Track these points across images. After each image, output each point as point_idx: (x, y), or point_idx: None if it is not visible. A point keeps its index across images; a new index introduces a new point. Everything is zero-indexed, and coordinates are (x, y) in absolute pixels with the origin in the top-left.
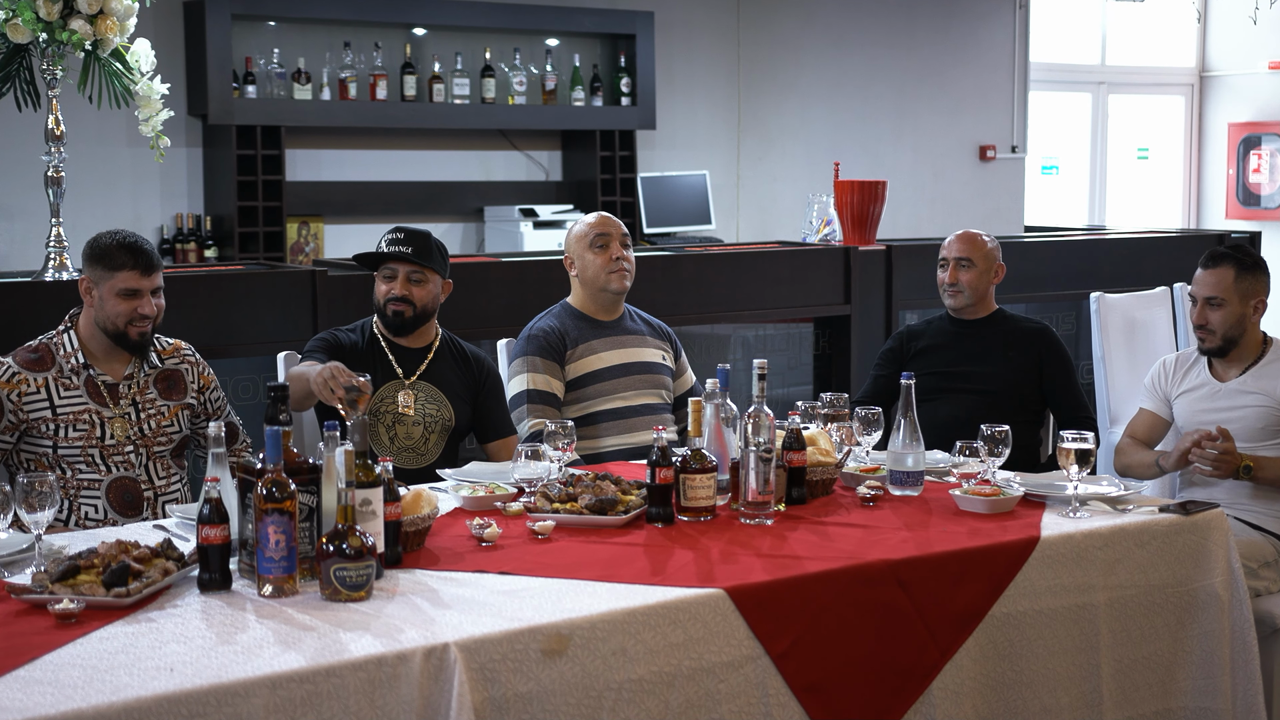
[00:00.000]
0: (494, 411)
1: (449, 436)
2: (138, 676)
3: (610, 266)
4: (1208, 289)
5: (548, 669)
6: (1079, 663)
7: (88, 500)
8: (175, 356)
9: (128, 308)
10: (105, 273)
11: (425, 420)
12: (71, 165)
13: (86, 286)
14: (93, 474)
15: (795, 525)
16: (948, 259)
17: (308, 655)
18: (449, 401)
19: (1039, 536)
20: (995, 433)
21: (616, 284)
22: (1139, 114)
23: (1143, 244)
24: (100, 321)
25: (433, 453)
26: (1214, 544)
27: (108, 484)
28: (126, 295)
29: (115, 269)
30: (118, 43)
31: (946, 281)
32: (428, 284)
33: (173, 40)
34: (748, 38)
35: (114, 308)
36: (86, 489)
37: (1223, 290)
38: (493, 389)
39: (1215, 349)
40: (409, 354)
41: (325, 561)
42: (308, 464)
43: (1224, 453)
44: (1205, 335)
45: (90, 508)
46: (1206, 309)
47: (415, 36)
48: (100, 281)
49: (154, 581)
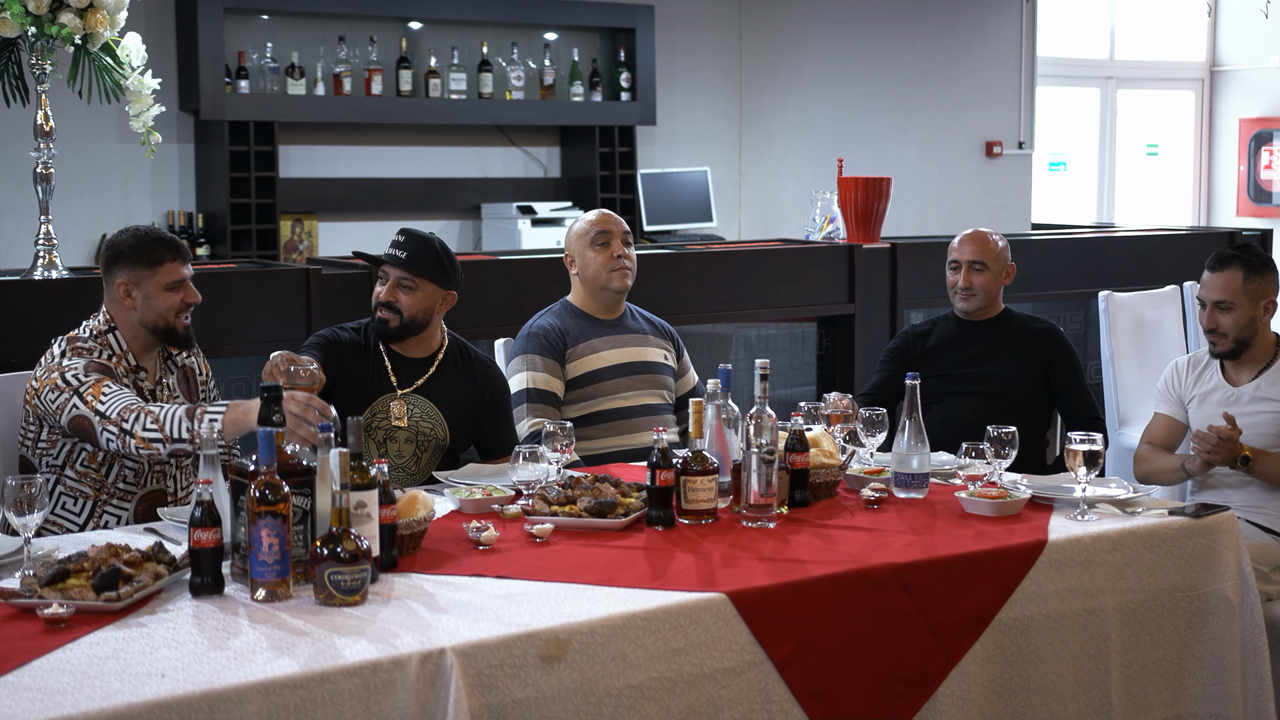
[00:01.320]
0: (499, 429)
1: (443, 456)
2: (128, 682)
3: (611, 265)
4: (1216, 292)
5: (546, 675)
6: (1087, 668)
7: (114, 510)
8: (185, 350)
9: (177, 300)
10: (147, 270)
11: (418, 438)
12: (61, 162)
13: (126, 289)
14: (133, 484)
15: (798, 528)
16: (960, 261)
17: (301, 661)
18: (445, 420)
19: (1046, 540)
20: (1002, 434)
21: (618, 282)
22: (1148, 109)
23: (1152, 242)
24: (147, 321)
25: (424, 472)
26: (1224, 547)
27: (140, 496)
28: (174, 287)
29: (157, 263)
30: (108, 37)
31: (959, 285)
32: (418, 293)
33: (164, 34)
34: (750, 31)
35: (163, 303)
36: (119, 497)
37: (1231, 293)
38: (499, 405)
39: (1227, 351)
40: (408, 364)
41: (319, 565)
42: (302, 466)
43: (1226, 439)
44: (1217, 339)
45: (114, 518)
46: (1216, 313)
47: (411, 30)
48: (143, 280)
49: (145, 586)
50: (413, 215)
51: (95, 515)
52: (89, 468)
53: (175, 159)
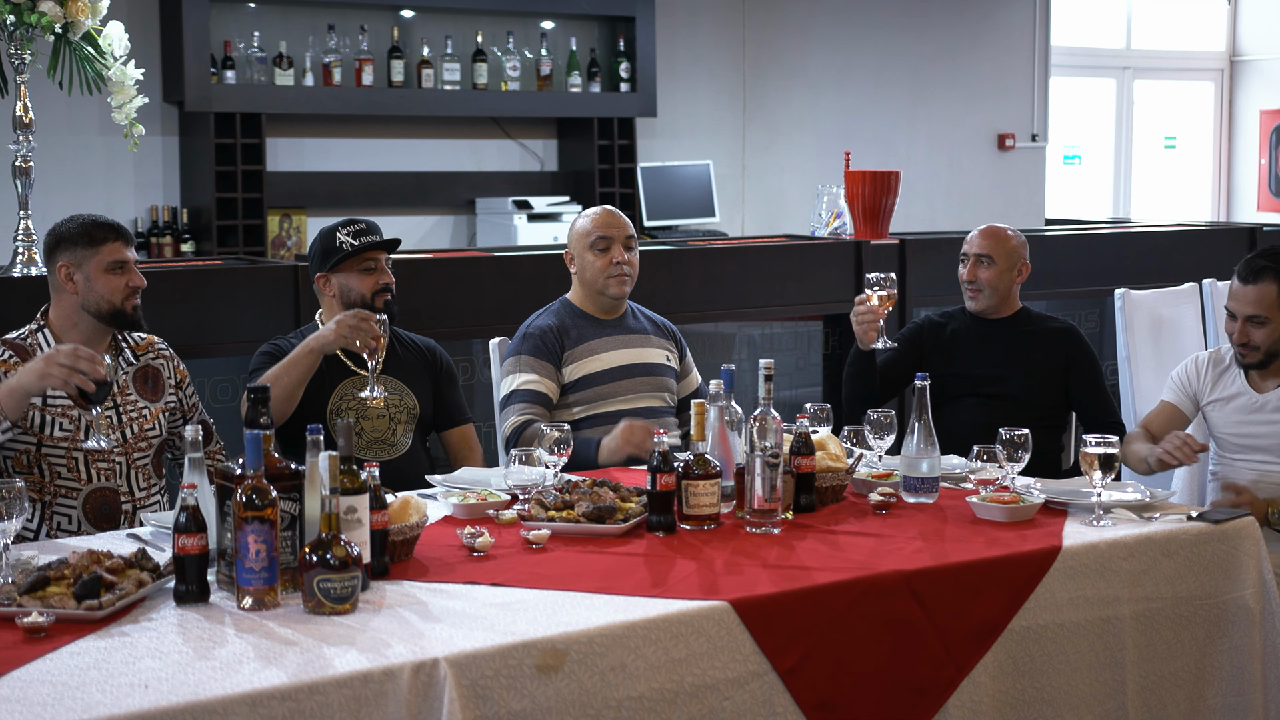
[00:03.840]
0: (450, 398)
1: (416, 426)
2: (110, 694)
3: (610, 271)
4: (1250, 306)
5: (543, 686)
6: (1103, 679)
7: (62, 509)
8: (150, 351)
9: (120, 282)
10: (88, 251)
11: (390, 411)
12: (40, 155)
13: (67, 273)
14: (72, 480)
15: (804, 534)
16: (968, 254)
17: (290, 671)
18: (410, 390)
19: (1060, 546)
20: (1014, 437)
21: (615, 289)
22: (1166, 100)
23: (1170, 238)
24: (90, 305)
25: (402, 443)
26: (1245, 554)
27: (86, 494)
28: (117, 268)
29: (99, 244)
30: (89, 25)
31: (965, 279)
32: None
33: (147, 23)
34: (754, 20)
35: (106, 285)
36: (63, 496)
37: (1265, 308)
38: (449, 376)
39: (1257, 363)
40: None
41: (308, 572)
42: (289, 469)
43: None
44: (1247, 352)
45: (64, 518)
46: (1249, 327)
47: (403, 19)
48: (84, 262)
49: (128, 594)
50: (405, 210)
51: (46, 517)
52: (21, 471)
53: (159, 152)
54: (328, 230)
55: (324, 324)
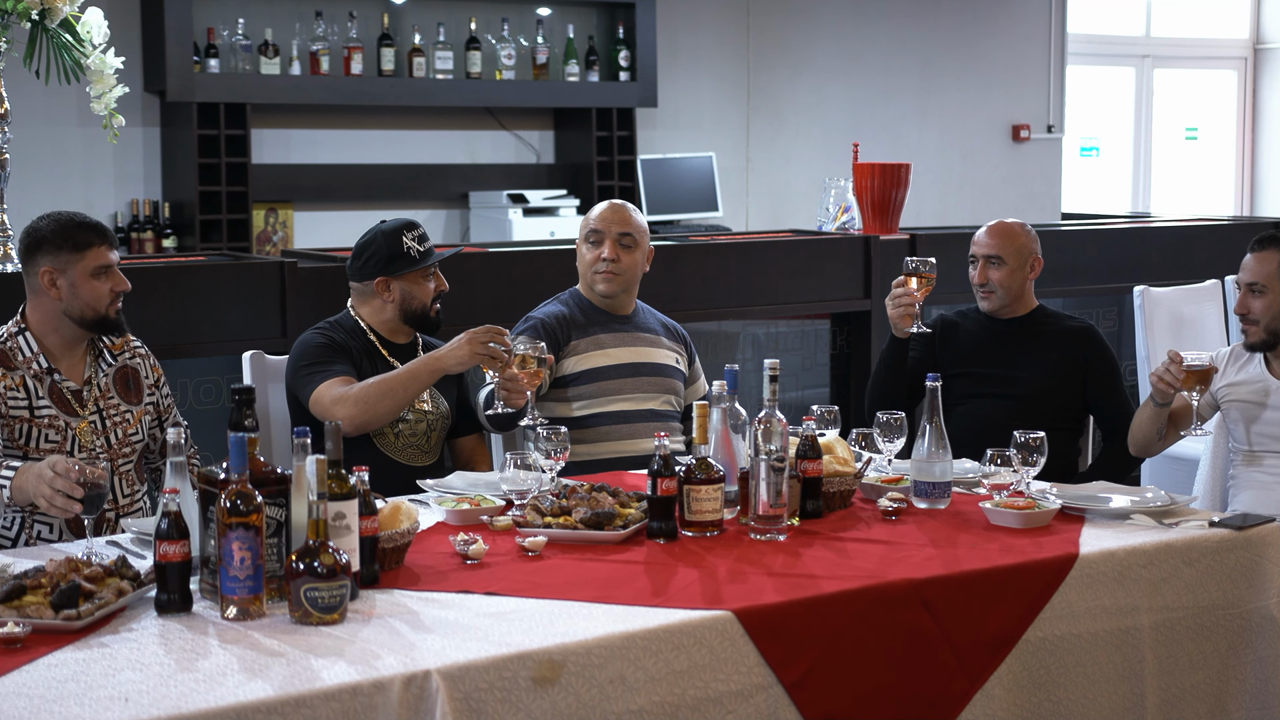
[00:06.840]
0: (468, 404)
1: (445, 434)
2: (89, 707)
3: (596, 266)
4: (1249, 274)
5: (539, 699)
6: (1122, 692)
7: (44, 518)
8: (126, 351)
9: (105, 288)
10: (74, 255)
11: (428, 417)
12: (16, 146)
13: (50, 278)
14: None
15: (810, 541)
16: (976, 256)
17: (276, 684)
18: (444, 396)
19: (1078, 554)
20: (1029, 440)
21: (600, 286)
22: (1187, 90)
23: (1191, 233)
24: (74, 312)
25: (435, 450)
26: (1269, 561)
27: None
28: (100, 274)
29: (84, 248)
30: (67, 12)
31: (976, 281)
32: None
33: (127, 10)
34: (758, 7)
35: (91, 290)
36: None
37: (1265, 276)
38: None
39: (1260, 343)
40: (403, 352)
41: (295, 581)
42: (276, 474)
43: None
44: (1248, 326)
45: (45, 526)
46: (1249, 296)
47: (393, 5)
48: (68, 266)
49: (107, 603)
50: (395, 204)
51: (26, 527)
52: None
53: (140, 144)
54: (390, 232)
55: (362, 319)
